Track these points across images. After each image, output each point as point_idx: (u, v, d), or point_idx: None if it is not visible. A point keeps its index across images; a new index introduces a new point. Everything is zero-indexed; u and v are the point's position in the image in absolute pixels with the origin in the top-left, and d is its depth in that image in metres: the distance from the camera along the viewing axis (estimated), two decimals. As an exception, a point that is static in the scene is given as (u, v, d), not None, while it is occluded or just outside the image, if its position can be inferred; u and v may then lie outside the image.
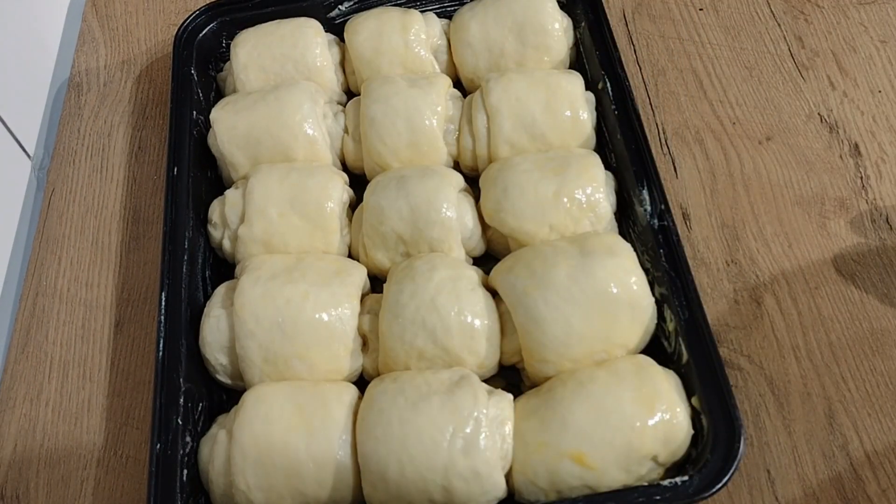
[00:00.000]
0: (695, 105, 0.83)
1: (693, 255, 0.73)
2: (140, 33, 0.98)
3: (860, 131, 0.79)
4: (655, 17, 0.90)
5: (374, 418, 0.59)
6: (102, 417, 0.71)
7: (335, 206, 0.72)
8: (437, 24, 0.84)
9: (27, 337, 0.76)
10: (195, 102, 0.81)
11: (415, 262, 0.67)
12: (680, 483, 0.55)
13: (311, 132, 0.76)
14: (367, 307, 0.68)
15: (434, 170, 0.72)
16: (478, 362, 0.64)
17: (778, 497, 0.62)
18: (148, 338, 0.75)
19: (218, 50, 0.88)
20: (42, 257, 0.81)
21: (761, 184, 0.77)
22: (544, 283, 0.62)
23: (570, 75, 0.77)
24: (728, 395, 0.58)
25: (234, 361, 0.66)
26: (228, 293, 0.68)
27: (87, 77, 0.94)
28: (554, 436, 0.58)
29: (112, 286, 0.79)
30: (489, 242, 0.73)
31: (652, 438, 0.57)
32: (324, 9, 0.87)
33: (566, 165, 0.70)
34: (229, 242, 0.73)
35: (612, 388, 0.59)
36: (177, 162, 0.75)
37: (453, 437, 0.57)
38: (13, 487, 0.68)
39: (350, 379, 0.66)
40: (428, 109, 0.75)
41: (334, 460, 0.59)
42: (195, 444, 0.63)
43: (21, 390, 0.73)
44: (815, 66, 0.84)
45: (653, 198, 0.68)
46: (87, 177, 0.86)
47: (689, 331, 0.61)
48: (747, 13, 0.90)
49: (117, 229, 0.82)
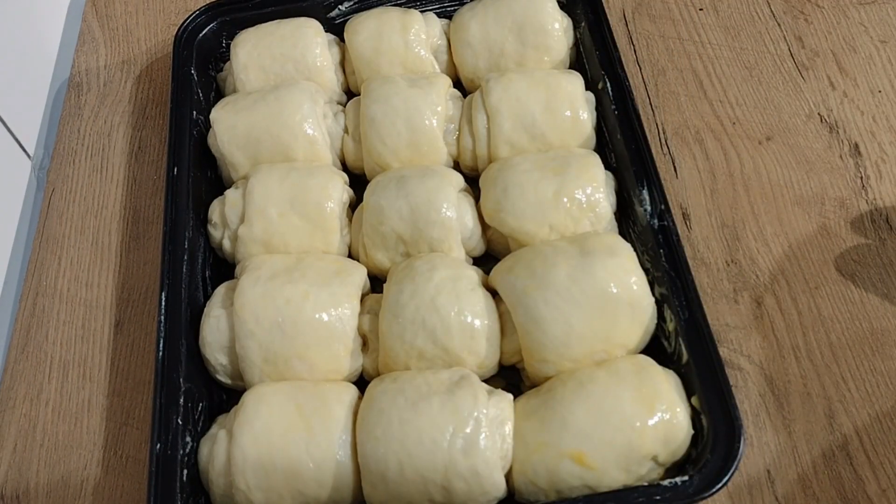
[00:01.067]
0: (695, 105, 0.83)
1: (693, 255, 0.73)
2: (140, 33, 0.98)
3: (860, 131, 0.79)
4: (655, 17, 0.90)
5: (374, 418, 0.59)
6: (102, 417, 0.71)
7: (335, 206, 0.72)
8: (437, 24, 0.84)
9: (27, 337, 0.76)
10: (195, 102, 0.81)
11: (415, 262, 0.67)
12: (680, 483, 0.55)
13: (311, 132, 0.76)
14: (367, 307, 0.68)
15: (434, 170, 0.72)
16: (478, 362, 0.64)
17: (778, 497, 0.62)
18: (148, 338, 0.75)
19: (218, 50, 0.88)
20: (42, 257, 0.81)
21: (761, 184, 0.77)
22: (544, 283, 0.62)
23: (570, 75, 0.77)
24: (728, 395, 0.58)
25: (234, 361, 0.66)
26: (228, 293, 0.68)
27: (87, 77, 0.94)
28: (554, 436, 0.58)
29: (112, 286, 0.79)
30: (489, 242, 0.73)
31: (652, 438, 0.57)
32: (324, 9, 0.87)
33: (566, 165, 0.70)
34: (229, 242, 0.73)
35: (612, 388, 0.59)
36: (177, 162, 0.75)
37: (453, 437, 0.57)
38: (13, 487, 0.68)
39: (350, 379, 0.66)
40: (428, 109, 0.75)
41: (334, 460, 0.59)
42: (195, 444, 0.63)
43: (21, 390, 0.73)
44: (815, 66, 0.85)
45: (653, 198, 0.68)
46: (87, 177, 0.86)
47: (689, 331, 0.61)
48: (747, 13, 0.90)
49: (117, 229, 0.82)
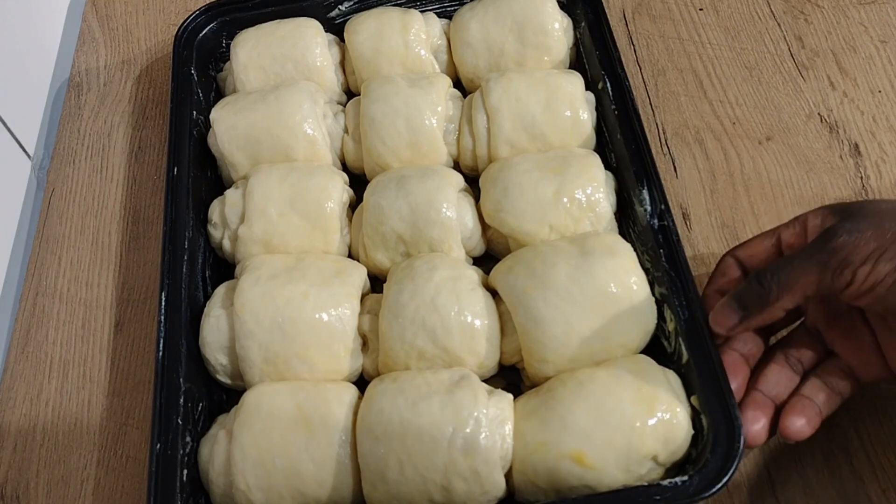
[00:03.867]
0: (695, 105, 0.83)
1: (693, 255, 0.73)
2: (140, 33, 0.98)
3: (860, 131, 0.79)
4: (655, 17, 0.90)
5: (374, 418, 0.59)
6: (102, 417, 0.71)
7: (335, 206, 0.72)
8: (437, 24, 0.84)
9: (27, 337, 0.76)
10: (195, 102, 0.81)
11: (415, 262, 0.67)
12: (680, 483, 0.55)
13: (311, 132, 0.76)
14: (367, 307, 0.68)
15: (434, 170, 0.72)
16: (478, 362, 0.64)
17: (778, 497, 0.62)
18: (148, 338, 0.75)
19: (218, 50, 0.87)
20: (42, 257, 0.81)
21: (761, 184, 0.77)
22: (544, 283, 0.63)
23: (570, 75, 0.77)
24: (728, 395, 0.58)
25: (234, 361, 0.66)
26: (228, 293, 0.68)
27: (87, 77, 0.94)
28: (554, 435, 0.58)
29: (112, 286, 0.79)
30: (489, 242, 0.73)
31: (652, 438, 0.57)
32: (324, 9, 0.87)
33: (566, 165, 0.70)
34: (229, 242, 0.73)
35: (611, 387, 0.59)
36: (177, 162, 0.75)
37: (453, 436, 0.57)
38: (13, 487, 0.68)
39: (350, 379, 0.66)
40: (428, 109, 0.75)
41: (334, 460, 0.59)
42: (195, 444, 0.63)
43: (21, 390, 0.73)
44: (815, 66, 0.85)
45: (653, 198, 0.68)
46: (87, 177, 0.86)
47: (689, 331, 0.61)
48: (747, 13, 0.90)
49: (117, 229, 0.82)
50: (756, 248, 0.63)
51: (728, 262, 0.64)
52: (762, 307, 0.58)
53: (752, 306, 0.58)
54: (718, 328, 0.60)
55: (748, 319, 0.59)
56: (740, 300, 0.59)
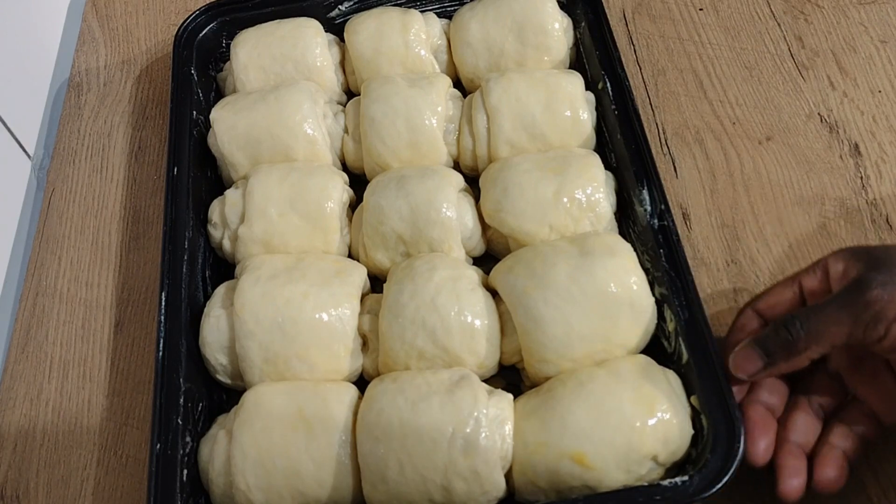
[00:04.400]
0: (695, 105, 0.83)
1: (693, 255, 0.73)
2: (140, 33, 0.98)
3: (860, 131, 0.79)
4: (655, 17, 0.90)
5: (374, 418, 0.59)
6: (102, 417, 0.71)
7: (335, 206, 0.72)
8: (437, 24, 0.84)
9: (27, 337, 0.76)
10: (195, 102, 0.81)
11: (415, 262, 0.67)
12: (680, 483, 0.55)
13: (311, 132, 0.76)
14: (367, 307, 0.68)
15: (434, 170, 0.72)
16: (478, 362, 0.64)
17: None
18: (148, 338, 0.75)
19: (218, 50, 0.87)
20: (42, 257, 0.81)
21: (761, 184, 0.77)
22: (544, 283, 0.63)
23: (570, 75, 0.77)
24: (728, 395, 0.58)
25: (234, 361, 0.66)
26: (228, 293, 0.68)
27: (87, 77, 0.94)
28: (554, 436, 0.58)
29: (112, 286, 0.79)
30: (489, 242, 0.73)
31: (652, 438, 0.57)
32: (324, 9, 0.87)
33: (566, 165, 0.70)
34: (229, 242, 0.73)
35: (611, 387, 0.59)
36: (177, 162, 0.75)
37: (453, 437, 0.57)
38: (13, 487, 0.68)
39: (350, 379, 0.66)
40: (428, 109, 0.75)
41: (334, 460, 0.59)
42: (195, 444, 0.63)
43: (21, 390, 0.73)
44: (815, 66, 0.84)
45: (653, 198, 0.68)
46: (87, 177, 0.86)
47: (689, 331, 0.61)
48: (747, 13, 0.90)
49: (117, 229, 0.82)
50: (777, 298, 0.60)
51: (748, 315, 0.61)
52: (789, 356, 0.56)
53: (777, 354, 0.56)
54: (739, 373, 0.58)
55: (772, 367, 0.57)
56: (765, 346, 0.57)
